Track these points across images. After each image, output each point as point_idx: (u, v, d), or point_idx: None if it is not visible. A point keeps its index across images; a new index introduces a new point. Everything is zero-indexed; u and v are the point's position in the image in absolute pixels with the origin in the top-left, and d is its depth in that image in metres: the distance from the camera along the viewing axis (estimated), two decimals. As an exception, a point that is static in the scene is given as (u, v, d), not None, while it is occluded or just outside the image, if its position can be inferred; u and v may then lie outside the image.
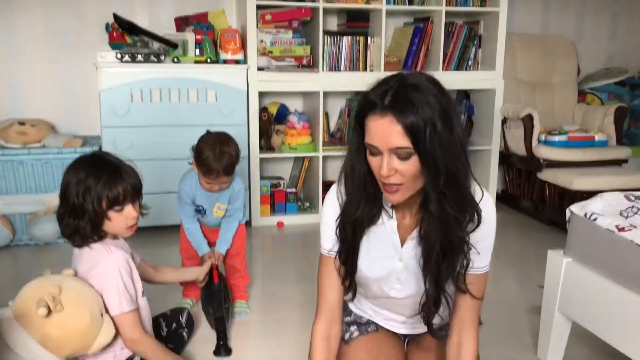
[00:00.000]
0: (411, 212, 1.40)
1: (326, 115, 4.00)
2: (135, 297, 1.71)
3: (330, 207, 1.44)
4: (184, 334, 2.07)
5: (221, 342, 2.13)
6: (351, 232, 1.39)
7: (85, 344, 1.59)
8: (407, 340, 1.66)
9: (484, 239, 1.35)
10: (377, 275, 1.46)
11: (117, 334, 1.67)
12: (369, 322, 1.64)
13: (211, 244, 2.41)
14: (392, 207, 1.40)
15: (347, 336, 1.62)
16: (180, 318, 2.08)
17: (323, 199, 3.72)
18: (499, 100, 3.98)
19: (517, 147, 3.85)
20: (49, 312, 1.48)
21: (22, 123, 3.23)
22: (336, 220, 1.42)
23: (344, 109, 4.06)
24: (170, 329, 2.02)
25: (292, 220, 3.78)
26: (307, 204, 3.91)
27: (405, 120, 1.18)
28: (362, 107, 1.26)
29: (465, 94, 4.18)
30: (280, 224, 3.74)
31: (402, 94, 1.20)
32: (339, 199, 1.42)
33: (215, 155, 2.12)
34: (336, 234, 1.43)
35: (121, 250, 1.68)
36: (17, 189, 3.17)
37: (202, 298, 2.31)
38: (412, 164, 1.22)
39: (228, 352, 2.13)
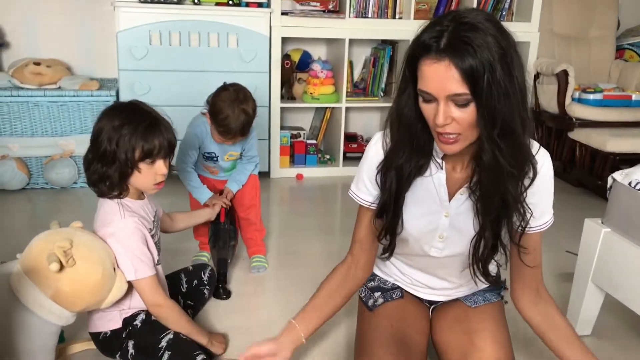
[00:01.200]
0: (463, 164, 1.31)
1: (350, 64, 3.84)
2: (153, 262, 1.64)
3: (373, 155, 1.36)
4: (205, 291, 2.01)
5: (220, 285, 2.10)
6: (395, 182, 1.30)
7: (99, 299, 1.53)
8: (432, 308, 1.58)
9: (542, 195, 1.31)
10: (419, 231, 1.38)
11: (128, 290, 1.61)
12: (394, 288, 1.57)
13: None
14: (442, 158, 1.31)
15: (370, 303, 1.55)
16: (202, 275, 2.01)
17: (344, 151, 3.69)
18: (533, 54, 3.80)
19: (549, 104, 3.68)
20: (61, 267, 1.41)
21: (37, 63, 3.13)
22: (378, 168, 1.33)
23: (369, 58, 3.90)
24: (190, 285, 1.96)
25: (312, 172, 3.69)
26: (328, 157, 3.80)
27: (464, 64, 1.08)
28: (415, 50, 1.15)
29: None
30: (299, 176, 3.65)
31: (459, 35, 1.09)
32: (383, 147, 1.34)
33: (233, 116, 2.00)
34: (377, 181, 1.34)
35: (134, 217, 1.60)
36: (33, 131, 3.10)
37: (209, 235, 2.26)
38: (470, 112, 1.12)
39: (227, 294, 2.11)
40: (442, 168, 1.31)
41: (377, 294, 1.56)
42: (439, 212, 1.35)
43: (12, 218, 2.83)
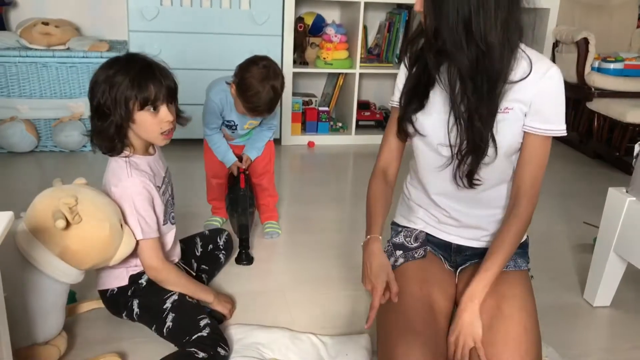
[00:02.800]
0: None
1: (365, 29, 3.74)
2: (157, 225, 1.60)
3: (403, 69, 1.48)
4: (221, 255, 1.98)
5: (243, 251, 2.08)
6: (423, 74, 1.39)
7: (107, 256, 1.49)
8: (459, 272, 1.54)
9: (545, 99, 1.31)
10: (432, 129, 1.40)
11: (135, 247, 1.57)
12: (417, 247, 1.53)
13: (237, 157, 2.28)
14: None
15: (391, 261, 1.51)
16: (218, 240, 1.98)
17: (357, 119, 3.60)
18: (552, 22, 3.69)
19: (568, 73, 3.58)
20: (67, 224, 1.37)
21: (45, 23, 3.06)
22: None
23: (384, 23, 3.80)
24: (205, 250, 1.93)
25: (323, 140, 3.63)
26: (340, 124, 3.73)
27: None
28: None
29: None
30: (310, 144, 3.59)
31: None
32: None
33: (263, 93, 1.94)
34: (405, 64, 1.45)
35: (142, 176, 1.55)
36: (42, 93, 3.05)
37: (226, 201, 2.22)
38: None
39: (250, 260, 2.09)
40: None
41: (398, 253, 1.53)
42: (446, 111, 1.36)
43: (20, 180, 2.80)
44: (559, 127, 1.34)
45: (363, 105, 3.78)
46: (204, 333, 1.51)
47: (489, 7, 1.20)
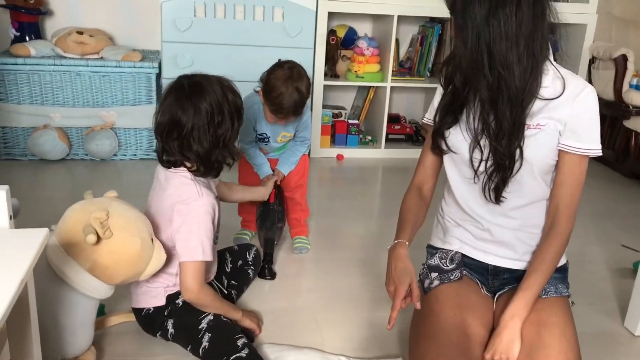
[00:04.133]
0: None
1: (397, 42, 3.71)
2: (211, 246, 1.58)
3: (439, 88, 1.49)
4: (249, 271, 1.95)
5: (267, 265, 2.07)
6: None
7: (137, 271, 1.48)
8: (497, 298, 1.49)
9: (580, 118, 1.31)
10: (463, 144, 1.41)
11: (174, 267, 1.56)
12: (453, 270, 1.49)
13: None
14: None
15: (426, 284, 1.48)
16: (247, 255, 1.96)
17: (387, 133, 3.56)
18: (589, 38, 3.62)
19: (604, 90, 3.50)
20: (98, 238, 1.36)
21: (80, 32, 3.09)
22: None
23: (416, 37, 3.77)
24: (235, 265, 1.91)
25: (353, 153, 3.60)
26: (369, 138, 3.70)
27: None
28: None
29: (550, 28, 3.80)
30: (340, 157, 3.56)
31: None
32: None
33: (287, 94, 1.93)
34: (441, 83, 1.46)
35: (210, 194, 1.56)
36: (75, 101, 3.08)
37: (257, 214, 2.20)
38: None
39: (272, 275, 2.08)
40: None
41: (433, 275, 1.49)
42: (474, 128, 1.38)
43: (52, 188, 2.82)
44: (595, 147, 1.34)
45: (393, 119, 3.74)
46: (243, 354, 1.48)
47: (510, 26, 1.21)
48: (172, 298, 1.60)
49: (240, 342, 1.51)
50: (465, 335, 1.35)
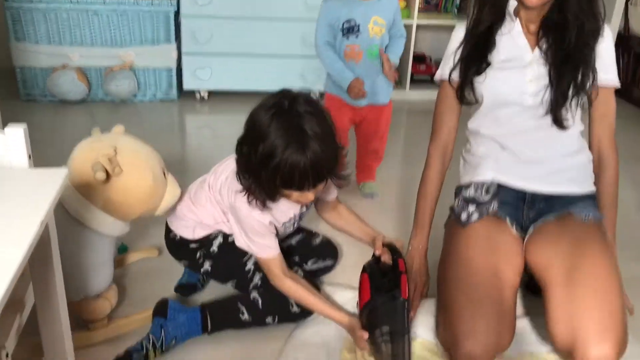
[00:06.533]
0: (536, 24, 1.43)
1: (423, -23, 3.55)
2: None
3: (458, 32, 1.53)
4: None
5: None
6: (482, 36, 1.45)
7: (151, 206, 1.44)
8: (531, 233, 1.46)
9: (604, 53, 1.42)
10: (507, 88, 1.45)
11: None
12: (490, 201, 1.46)
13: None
14: (516, 16, 1.45)
15: (464, 217, 1.45)
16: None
17: (412, 73, 3.44)
18: (628, -28, 3.42)
19: (643, 27, 3.34)
20: (108, 175, 1.31)
21: (96, -31, 3.00)
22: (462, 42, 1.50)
23: (444, -29, 3.60)
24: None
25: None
26: (394, 78, 3.58)
27: None
28: None
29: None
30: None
31: None
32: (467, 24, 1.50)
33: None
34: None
35: (266, 215, 1.41)
36: (92, 41, 3.02)
37: (366, 308, 1.39)
38: None
39: None
40: (514, 20, 1.44)
41: (471, 208, 1.46)
42: (524, 59, 1.44)
43: (72, 130, 2.80)
44: (616, 77, 1.46)
45: (419, 59, 3.62)
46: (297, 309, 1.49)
47: None
48: (205, 243, 1.53)
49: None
50: (497, 278, 1.32)
